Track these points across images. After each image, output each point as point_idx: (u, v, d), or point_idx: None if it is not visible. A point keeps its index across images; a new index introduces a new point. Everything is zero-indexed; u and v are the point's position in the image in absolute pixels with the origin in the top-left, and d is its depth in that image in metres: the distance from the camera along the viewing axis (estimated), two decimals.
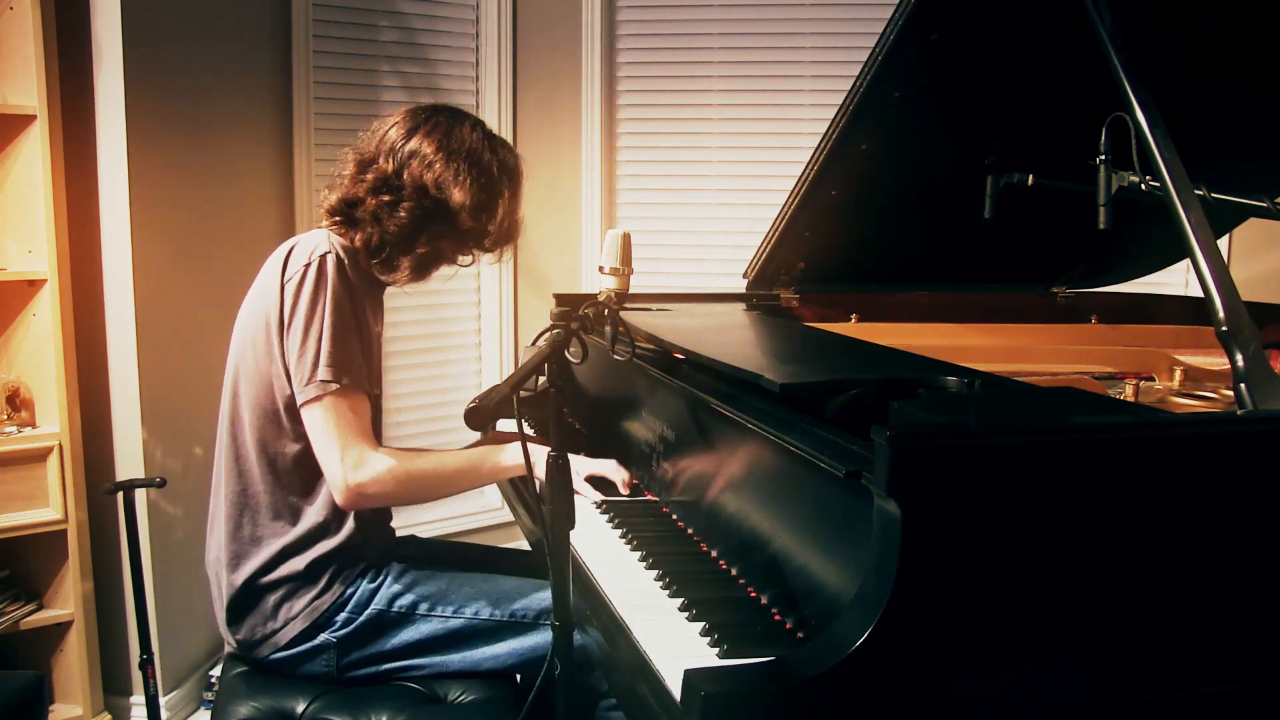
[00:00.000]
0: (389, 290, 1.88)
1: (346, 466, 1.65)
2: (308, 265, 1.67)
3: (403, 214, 1.73)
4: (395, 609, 1.73)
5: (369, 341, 1.76)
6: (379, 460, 1.68)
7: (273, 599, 1.72)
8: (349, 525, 1.73)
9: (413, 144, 1.75)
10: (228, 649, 1.81)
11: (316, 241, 1.71)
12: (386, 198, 1.74)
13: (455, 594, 1.76)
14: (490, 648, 1.74)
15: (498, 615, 1.75)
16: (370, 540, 1.78)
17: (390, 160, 1.75)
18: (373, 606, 1.73)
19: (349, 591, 1.73)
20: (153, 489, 2.41)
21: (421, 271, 1.81)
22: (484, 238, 1.82)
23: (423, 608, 1.74)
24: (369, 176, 1.75)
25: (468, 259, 1.88)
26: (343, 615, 1.72)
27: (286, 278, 1.68)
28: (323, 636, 1.71)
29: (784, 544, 1.35)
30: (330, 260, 1.67)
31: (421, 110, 1.81)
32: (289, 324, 1.67)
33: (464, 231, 1.79)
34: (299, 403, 1.67)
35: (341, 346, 1.66)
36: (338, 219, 1.77)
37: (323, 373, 1.64)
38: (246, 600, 1.72)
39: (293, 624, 1.71)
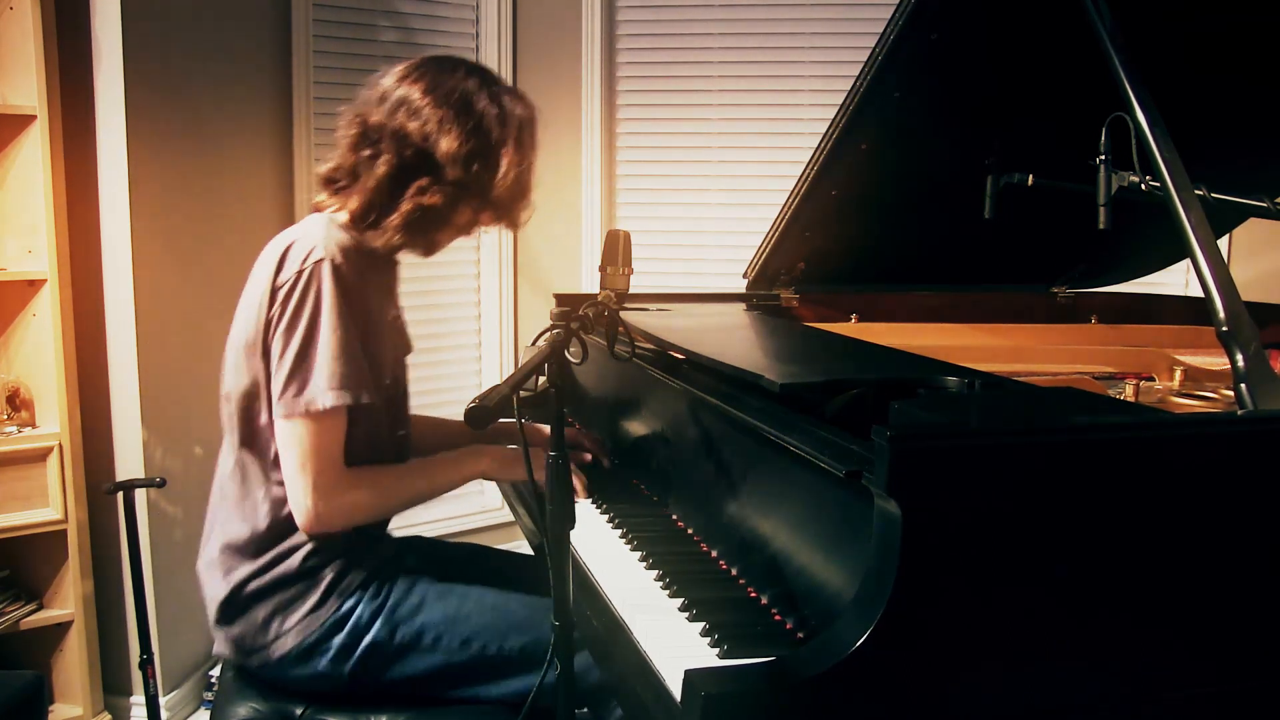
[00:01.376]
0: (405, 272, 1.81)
1: (315, 495, 1.56)
2: (300, 272, 1.55)
3: (381, 168, 1.60)
4: (398, 640, 1.62)
5: (378, 339, 1.66)
6: (346, 488, 1.59)
7: (263, 612, 1.61)
8: (343, 536, 1.63)
9: (401, 90, 1.62)
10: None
11: (313, 243, 1.57)
12: (366, 152, 1.62)
13: (463, 623, 1.64)
14: (504, 683, 1.64)
15: (507, 649, 1.64)
16: (368, 550, 1.68)
17: (378, 110, 1.63)
18: (373, 634, 1.61)
19: (345, 606, 1.61)
20: (153, 489, 2.42)
21: (414, 233, 1.65)
22: (485, 192, 1.65)
23: (428, 639, 1.62)
24: (354, 131, 1.64)
25: (470, 218, 1.70)
26: (339, 639, 1.60)
27: (279, 282, 1.57)
28: (320, 663, 1.60)
29: (784, 544, 1.35)
30: (325, 269, 1.55)
31: (419, 58, 1.69)
32: (275, 334, 1.56)
33: (455, 185, 1.62)
34: (276, 415, 1.57)
35: (327, 366, 1.54)
36: (332, 185, 1.67)
37: (299, 391, 1.54)
38: (235, 606, 1.63)
39: (285, 638, 1.61)
